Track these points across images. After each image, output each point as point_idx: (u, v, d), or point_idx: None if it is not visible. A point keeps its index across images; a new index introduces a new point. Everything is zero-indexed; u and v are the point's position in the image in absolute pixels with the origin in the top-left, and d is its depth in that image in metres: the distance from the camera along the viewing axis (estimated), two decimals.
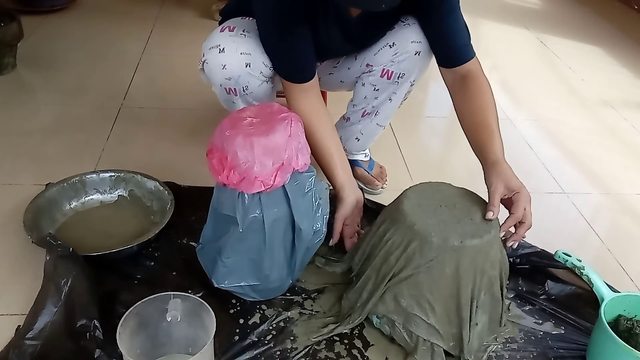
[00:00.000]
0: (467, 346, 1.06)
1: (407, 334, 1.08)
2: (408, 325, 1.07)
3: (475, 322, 1.06)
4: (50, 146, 1.62)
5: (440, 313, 1.05)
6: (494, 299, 1.09)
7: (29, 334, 0.99)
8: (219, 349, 1.04)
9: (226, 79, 1.23)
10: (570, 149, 1.90)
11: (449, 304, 1.05)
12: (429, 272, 1.03)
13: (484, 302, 1.07)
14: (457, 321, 1.06)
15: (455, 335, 1.06)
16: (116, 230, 1.31)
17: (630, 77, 2.52)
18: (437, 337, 1.06)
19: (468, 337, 1.06)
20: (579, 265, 1.19)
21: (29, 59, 2.09)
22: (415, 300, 1.05)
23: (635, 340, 1.07)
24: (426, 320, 1.06)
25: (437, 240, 1.02)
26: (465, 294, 1.04)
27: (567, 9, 3.34)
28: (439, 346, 1.06)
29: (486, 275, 1.05)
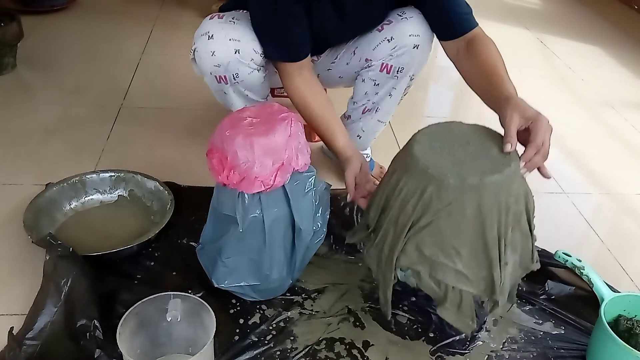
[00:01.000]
0: (499, 288, 0.99)
1: (435, 283, 1.01)
2: (435, 274, 1.00)
3: (505, 262, 0.98)
4: (50, 146, 1.62)
5: (467, 257, 0.98)
6: (524, 235, 1.02)
7: (29, 334, 1.00)
8: (219, 349, 1.04)
9: (215, 66, 1.23)
10: (570, 149, 1.90)
11: (475, 247, 0.98)
12: (449, 217, 0.96)
13: (512, 240, 0.99)
14: (486, 263, 0.98)
15: (485, 278, 0.99)
16: (116, 230, 1.31)
17: (630, 77, 2.52)
18: (466, 283, 0.99)
19: (500, 279, 0.98)
20: (579, 265, 1.19)
21: (29, 59, 2.09)
22: (439, 248, 0.98)
23: (635, 340, 1.07)
24: (453, 267, 0.99)
25: (454, 181, 0.95)
26: (491, 233, 0.96)
27: (567, 9, 3.33)
28: (467, 293, 1.00)
29: (511, 211, 0.97)
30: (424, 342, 1.12)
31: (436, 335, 1.14)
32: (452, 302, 1.01)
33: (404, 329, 1.14)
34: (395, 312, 1.18)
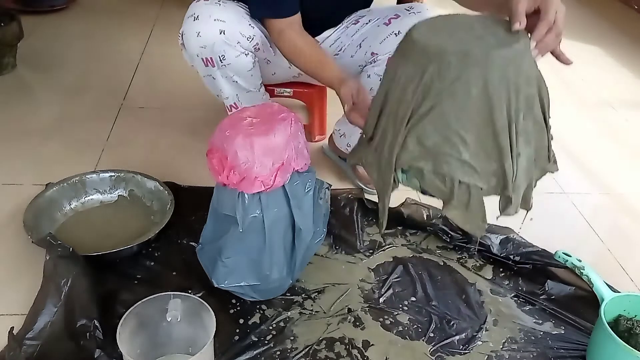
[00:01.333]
0: (511, 181, 0.89)
1: (439, 180, 0.90)
2: (439, 168, 0.89)
3: (518, 153, 0.88)
4: (50, 146, 1.62)
5: (474, 145, 0.87)
6: (537, 125, 0.92)
7: (29, 334, 1.00)
8: (219, 349, 1.04)
9: (201, 47, 1.23)
10: (570, 149, 1.89)
11: (483, 133, 0.87)
12: (453, 98, 0.86)
13: (525, 129, 0.89)
14: (495, 153, 0.88)
15: (496, 171, 0.89)
16: (116, 230, 1.31)
17: (630, 77, 2.52)
18: (474, 176, 0.89)
19: (512, 171, 0.88)
20: (579, 265, 1.19)
21: (29, 59, 2.09)
22: (442, 136, 0.88)
23: (635, 340, 1.07)
24: (459, 157, 0.88)
25: (457, 56, 0.85)
26: (500, 116, 0.86)
27: (567, 9, 3.32)
28: (477, 188, 0.89)
29: (522, 93, 0.87)
30: (424, 342, 1.12)
31: (436, 335, 1.14)
32: (459, 200, 0.90)
33: (404, 329, 1.14)
34: (396, 312, 1.18)
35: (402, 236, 1.39)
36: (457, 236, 1.37)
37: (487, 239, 1.34)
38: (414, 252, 1.34)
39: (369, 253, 1.32)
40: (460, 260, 1.33)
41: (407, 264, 1.30)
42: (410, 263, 1.30)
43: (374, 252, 1.33)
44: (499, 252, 1.33)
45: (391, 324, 1.15)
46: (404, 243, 1.37)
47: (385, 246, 1.35)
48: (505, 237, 1.35)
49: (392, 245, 1.35)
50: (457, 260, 1.33)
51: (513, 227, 1.38)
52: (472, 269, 1.31)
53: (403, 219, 1.40)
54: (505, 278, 1.30)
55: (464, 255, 1.35)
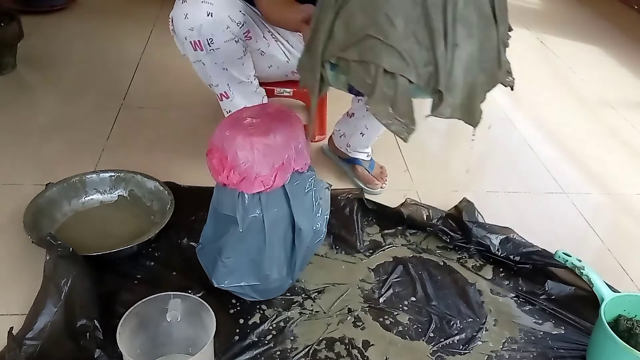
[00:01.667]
0: (444, 74, 0.80)
1: (364, 70, 0.81)
2: (364, 56, 0.81)
3: (454, 43, 0.80)
4: (50, 146, 1.62)
5: (402, 28, 0.79)
6: (483, 17, 0.82)
7: (29, 334, 1.00)
8: (219, 349, 1.04)
9: (189, 29, 1.23)
10: (570, 149, 1.90)
11: (413, 15, 0.79)
12: None
13: (467, 17, 0.80)
14: (427, 40, 0.79)
15: (427, 62, 0.80)
16: (116, 230, 1.31)
17: (630, 77, 2.52)
18: (400, 63, 0.79)
19: (445, 60, 0.79)
20: (579, 265, 1.19)
21: (29, 59, 2.08)
22: (369, 17, 0.80)
23: (635, 340, 1.07)
24: (385, 41, 0.79)
25: None
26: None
27: (567, 9, 3.33)
28: (404, 80, 0.80)
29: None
30: (424, 342, 1.12)
31: (436, 335, 1.14)
32: (383, 93, 0.81)
33: (404, 329, 1.14)
34: (396, 312, 1.18)
35: (402, 236, 1.39)
36: (457, 236, 1.37)
37: (487, 239, 1.34)
38: (414, 252, 1.34)
39: (369, 253, 1.32)
40: (460, 260, 1.33)
41: (407, 264, 1.30)
42: (410, 263, 1.30)
43: (374, 252, 1.33)
44: (499, 252, 1.33)
45: (391, 324, 1.15)
46: (404, 243, 1.37)
47: (385, 246, 1.35)
48: (505, 237, 1.35)
49: (392, 245, 1.35)
50: (457, 260, 1.33)
51: (513, 227, 1.39)
52: (472, 269, 1.31)
53: (403, 219, 1.40)
54: (505, 278, 1.30)
55: (464, 255, 1.35)
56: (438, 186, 1.61)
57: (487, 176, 1.73)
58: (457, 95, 0.82)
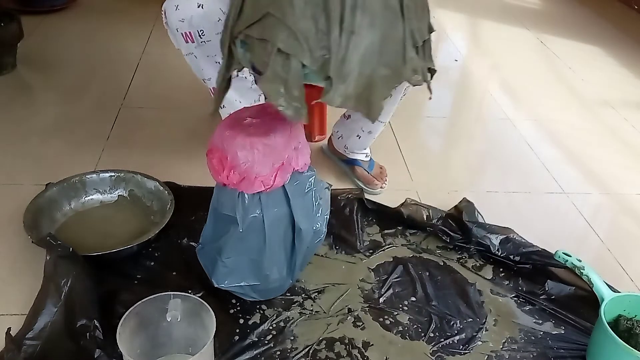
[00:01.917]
0: (336, 60, 0.78)
1: (262, 48, 0.81)
2: (263, 33, 0.81)
3: (351, 29, 0.78)
4: (50, 146, 1.62)
5: (301, 8, 0.78)
6: (389, 9, 0.81)
7: (29, 334, 1.00)
8: (219, 349, 1.04)
9: (180, 21, 1.23)
10: (570, 149, 1.90)
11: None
12: None
13: (368, 6, 0.79)
14: (325, 23, 0.78)
15: (323, 46, 0.80)
16: (116, 230, 1.31)
17: (630, 77, 2.52)
18: (294, 44, 0.79)
19: (338, 46, 0.78)
20: (579, 265, 1.19)
21: (29, 59, 2.09)
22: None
23: (635, 340, 1.07)
24: (281, 19, 0.79)
25: None
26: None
27: (567, 9, 3.33)
28: (297, 62, 0.80)
29: None
30: (424, 342, 1.12)
31: (436, 335, 1.14)
32: (275, 72, 0.80)
33: (404, 329, 1.14)
34: (396, 312, 1.18)
35: (402, 236, 1.39)
36: (457, 236, 1.37)
37: (487, 239, 1.34)
38: (414, 252, 1.34)
39: (369, 253, 1.32)
40: (460, 260, 1.33)
41: (407, 264, 1.30)
42: (410, 263, 1.30)
43: (374, 252, 1.33)
44: (499, 252, 1.33)
45: (391, 324, 1.15)
46: (404, 243, 1.37)
47: (385, 246, 1.35)
48: (505, 237, 1.35)
49: (392, 245, 1.35)
50: (457, 260, 1.33)
51: (513, 227, 1.39)
52: (472, 269, 1.31)
53: (403, 219, 1.40)
54: (505, 278, 1.30)
55: (464, 255, 1.35)
56: (438, 186, 1.61)
57: (487, 176, 1.73)
58: (350, 84, 0.80)
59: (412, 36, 0.85)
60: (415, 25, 0.85)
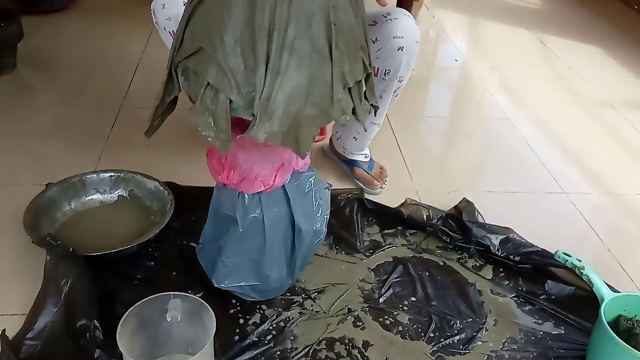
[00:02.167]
0: (260, 98, 0.82)
1: (196, 79, 0.86)
2: (196, 67, 0.85)
3: (277, 70, 0.82)
4: (50, 146, 1.62)
5: (231, 47, 0.82)
6: (317, 51, 0.84)
7: (29, 334, 1.00)
8: (219, 349, 1.04)
9: (167, 19, 1.24)
10: (570, 149, 1.90)
11: (243, 37, 0.82)
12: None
13: (296, 48, 0.82)
14: (252, 62, 0.82)
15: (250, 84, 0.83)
16: (116, 230, 1.31)
17: (630, 77, 2.52)
18: (224, 81, 0.83)
19: (262, 85, 0.82)
20: (579, 265, 1.19)
21: (29, 59, 2.09)
22: (206, 30, 0.84)
23: (635, 340, 1.07)
24: (212, 55, 0.83)
25: None
26: (261, 17, 0.80)
27: (567, 9, 3.33)
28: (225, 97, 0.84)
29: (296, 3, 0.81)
30: (424, 342, 1.12)
31: (436, 335, 1.14)
32: (204, 105, 0.85)
33: (404, 329, 1.14)
34: (396, 312, 1.18)
35: (402, 236, 1.39)
36: (457, 236, 1.37)
37: (487, 239, 1.34)
38: (414, 252, 1.34)
39: (369, 253, 1.32)
40: (460, 260, 1.33)
41: (407, 264, 1.30)
42: (410, 263, 1.30)
43: (374, 252, 1.33)
44: (499, 252, 1.33)
45: (391, 324, 1.15)
46: (404, 243, 1.37)
47: (385, 246, 1.35)
48: (505, 237, 1.35)
49: (392, 245, 1.35)
50: (457, 260, 1.33)
51: (513, 227, 1.39)
52: (472, 269, 1.31)
53: (403, 219, 1.40)
54: (505, 278, 1.30)
55: (464, 255, 1.35)
56: (438, 186, 1.61)
57: (487, 176, 1.73)
58: (275, 122, 0.84)
59: (343, 78, 0.88)
60: (346, 67, 0.88)
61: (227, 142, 0.86)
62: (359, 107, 0.93)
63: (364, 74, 0.93)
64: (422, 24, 2.84)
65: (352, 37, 0.89)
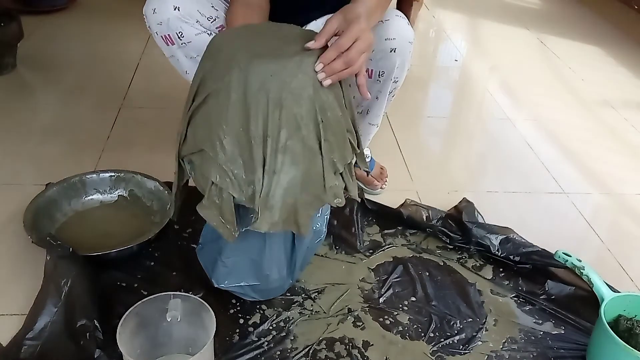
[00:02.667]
0: (261, 196, 0.90)
1: (201, 176, 0.94)
2: (202, 165, 0.93)
3: (274, 169, 0.90)
4: (50, 146, 1.62)
5: (231, 152, 0.90)
6: (307, 148, 0.91)
7: (29, 334, 1.00)
8: (219, 349, 1.04)
9: (158, 24, 1.24)
10: (570, 149, 1.90)
11: (241, 142, 0.89)
12: (217, 98, 0.89)
13: (289, 148, 0.90)
14: (250, 164, 0.90)
15: (250, 182, 0.91)
16: (116, 230, 1.31)
17: (630, 77, 2.52)
18: (226, 181, 0.91)
19: (261, 185, 0.90)
20: (579, 265, 1.19)
21: (29, 59, 2.09)
22: (207, 134, 0.91)
23: (635, 340, 1.07)
24: (216, 160, 0.91)
25: (225, 57, 0.88)
26: (255, 127, 0.88)
27: (567, 9, 3.33)
28: (228, 194, 0.92)
29: (286, 110, 0.88)
30: (424, 342, 1.12)
31: (436, 335, 1.14)
32: (211, 201, 0.93)
33: (404, 329, 1.14)
34: (396, 312, 1.18)
35: (402, 236, 1.39)
36: (457, 237, 1.37)
37: (486, 239, 1.34)
38: (414, 252, 1.34)
39: (369, 253, 1.32)
40: (460, 260, 1.33)
41: (407, 264, 1.30)
42: (410, 263, 1.30)
43: (374, 252, 1.33)
44: (499, 252, 1.33)
45: (391, 324, 1.15)
46: (404, 243, 1.37)
47: (385, 246, 1.35)
48: (505, 237, 1.35)
49: (392, 245, 1.35)
50: (457, 260, 1.33)
51: (513, 227, 1.39)
52: (472, 269, 1.31)
53: (403, 220, 1.40)
54: (505, 278, 1.30)
55: (464, 255, 1.35)
56: (438, 186, 1.61)
57: (487, 176, 1.73)
58: (276, 213, 0.92)
59: (333, 165, 0.96)
60: (336, 155, 0.96)
61: (232, 231, 0.95)
62: (350, 185, 1.02)
63: (352, 155, 1.01)
64: (422, 24, 2.84)
65: (339, 128, 0.96)
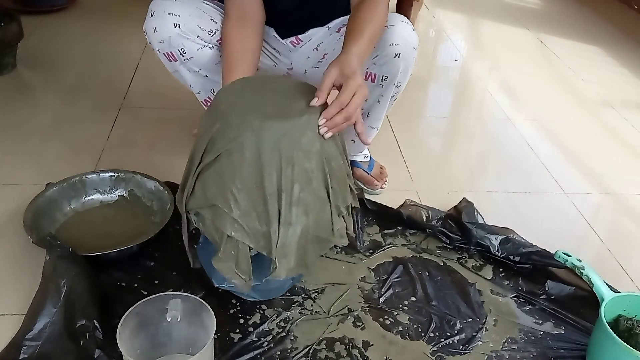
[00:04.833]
0: (276, 246, 0.95)
1: (214, 230, 0.98)
2: (214, 220, 0.97)
3: (288, 221, 0.95)
4: (50, 146, 1.62)
5: (245, 206, 0.94)
6: (318, 198, 0.97)
7: (29, 335, 1.00)
8: (219, 349, 1.04)
9: (160, 42, 1.24)
10: (570, 149, 1.90)
11: (254, 196, 0.94)
12: (229, 157, 0.93)
13: (302, 200, 0.95)
14: (265, 217, 0.94)
15: (265, 234, 0.96)
16: (116, 230, 1.31)
17: (630, 77, 2.52)
18: (242, 234, 0.96)
19: (277, 236, 0.95)
20: (579, 265, 1.19)
21: (29, 59, 2.09)
22: (219, 190, 0.95)
23: (635, 340, 1.07)
24: (230, 214, 0.95)
25: (236, 119, 0.92)
26: (269, 183, 0.92)
27: (567, 9, 3.33)
28: (244, 245, 0.97)
29: (298, 166, 0.93)
30: (424, 342, 1.12)
31: (436, 335, 1.14)
32: (227, 253, 0.97)
33: (404, 329, 1.14)
34: (396, 312, 1.18)
35: (402, 236, 1.39)
36: (457, 237, 1.37)
37: (486, 240, 1.34)
38: (414, 252, 1.34)
39: (369, 253, 1.32)
40: (460, 260, 1.33)
41: (407, 264, 1.30)
42: (410, 263, 1.30)
43: (374, 252, 1.33)
44: (498, 252, 1.33)
45: (391, 324, 1.15)
46: (404, 243, 1.37)
47: (385, 246, 1.35)
48: (505, 237, 1.35)
49: (392, 245, 1.35)
50: (457, 261, 1.33)
51: (513, 227, 1.39)
52: (472, 269, 1.31)
53: (402, 220, 1.40)
54: (505, 278, 1.30)
55: (464, 256, 1.35)
56: (438, 186, 1.61)
57: (487, 176, 1.73)
58: (291, 260, 0.97)
59: (338, 209, 1.02)
60: (340, 200, 1.02)
61: (247, 281, 0.99)
62: (349, 224, 1.08)
63: (351, 197, 1.07)
64: (422, 24, 2.85)
65: (342, 174, 1.02)
